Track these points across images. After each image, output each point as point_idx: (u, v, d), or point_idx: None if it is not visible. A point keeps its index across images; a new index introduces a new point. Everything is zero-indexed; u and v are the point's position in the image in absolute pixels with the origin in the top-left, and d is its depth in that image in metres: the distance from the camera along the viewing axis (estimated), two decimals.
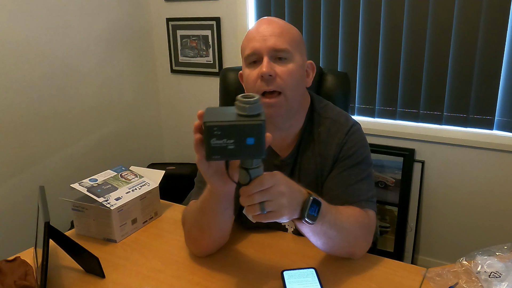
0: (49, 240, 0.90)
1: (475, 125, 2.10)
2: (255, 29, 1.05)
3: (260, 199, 0.78)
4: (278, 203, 0.80)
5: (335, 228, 0.93)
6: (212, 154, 0.73)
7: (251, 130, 0.72)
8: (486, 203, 2.13)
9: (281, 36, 1.02)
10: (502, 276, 0.92)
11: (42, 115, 2.23)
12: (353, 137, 1.09)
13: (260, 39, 1.02)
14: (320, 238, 0.94)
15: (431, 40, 2.09)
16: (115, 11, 2.57)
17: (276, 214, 0.80)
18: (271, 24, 1.04)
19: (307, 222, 0.86)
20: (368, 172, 1.09)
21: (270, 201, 0.79)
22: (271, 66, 1.01)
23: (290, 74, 1.02)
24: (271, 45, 1.01)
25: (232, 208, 0.97)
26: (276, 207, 0.80)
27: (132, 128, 2.79)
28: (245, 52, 1.06)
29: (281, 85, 1.02)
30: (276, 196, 0.79)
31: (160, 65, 2.90)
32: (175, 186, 2.20)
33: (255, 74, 1.03)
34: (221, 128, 0.71)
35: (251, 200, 0.78)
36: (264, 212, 0.79)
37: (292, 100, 1.05)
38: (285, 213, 0.81)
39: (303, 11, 2.35)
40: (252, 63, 1.04)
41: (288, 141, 1.13)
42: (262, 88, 1.02)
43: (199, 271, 1.02)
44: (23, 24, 2.10)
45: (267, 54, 1.01)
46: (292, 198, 0.83)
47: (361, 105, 2.34)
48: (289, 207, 0.82)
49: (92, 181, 1.21)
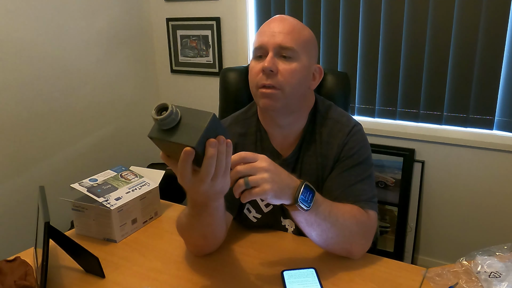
0: (49, 240, 0.90)
1: (475, 125, 2.11)
2: (267, 24, 1.07)
3: (242, 172, 0.82)
4: (261, 177, 0.83)
5: (330, 220, 0.94)
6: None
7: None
8: (486, 203, 2.13)
9: (290, 34, 1.03)
10: (502, 276, 0.92)
11: (42, 115, 2.23)
12: (354, 138, 1.10)
13: (269, 34, 1.04)
14: (315, 229, 0.95)
15: (431, 40, 2.09)
16: (115, 11, 2.57)
17: (259, 190, 0.83)
18: (283, 21, 1.06)
19: (300, 208, 0.88)
20: (369, 173, 1.09)
21: (253, 176, 0.83)
22: (274, 62, 1.02)
23: (292, 72, 1.03)
24: (278, 42, 1.02)
25: (223, 206, 0.95)
26: (259, 182, 0.83)
27: (132, 128, 2.79)
28: (253, 46, 1.08)
29: (280, 82, 1.02)
30: (257, 170, 0.83)
31: (160, 65, 2.90)
32: (175, 186, 2.19)
33: (258, 67, 1.04)
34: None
35: (235, 173, 0.82)
36: (249, 187, 0.82)
37: (290, 97, 1.05)
38: (267, 188, 0.83)
39: (303, 11, 2.35)
40: (258, 57, 1.06)
41: (290, 140, 1.13)
42: (261, 81, 1.03)
43: (199, 271, 1.02)
44: (22, 24, 2.10)
45: (272, 50, 1.02)
46: (276, 176, 0.85)
47: (361, 105, 2.34)
48: (272, 183, 0.84)
49: (92, 181, 1.21)
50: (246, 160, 0.84)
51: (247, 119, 1.19)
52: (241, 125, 1.18)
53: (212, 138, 0.73)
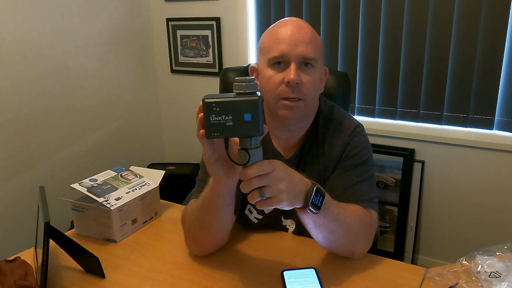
0: (49, 240, 0.90)
1: (475, 125, 2.10)
2: (284, 30, 1.03)
3: (258, 183, 0.79)
4: (277, 188, 0.80)
5: (337, 221, 0.94)
6: (211, 131, 0.77)
7: (248, 106, 0.75)
8: (486, 203, 2.13)
9: (311, 44, 1.02)
10: (502, 276, 0.92)
11: (42, 115, 2.23)
12: (356, 138, 1.10)
13: (290, 43, 1.01)
14: (322, 231, 0.94)
15: (431, 40, 2.09)
16: (115, 11, 2.57)
17: (275, 200, 0.81)
18: (301, 29, 1.03)
19: (311, 211, 0.86)
20: (370, 173, 1.10)
21: (269, 186, 0.80)
22: (299, 74, 1.01)
23: (314, 83, 1.04)
24: (301, 53, 1.01)
25: (233, 206, 0.97)
26: (275, 193, 0.80)
27: (132, 128, 2.79)
28: (270, 53, 1.03)
29: (304, 93, 1.02)
30: (274, 182, 0.80)
31: (160, 65, 2.90)
32: (175, 186, 2.20)
33: (279, 78, 1.02)
34: (219, 104, 0.75)
35: (249, 185, 0.79)
36: (264, 198, 0.80)
37: (310, 106, 1.07)
38: (284, 198, 0.81)
39: (303, 11, 2.35)
40: (275, 64, 1.03)
41: (293, 142, 1.13)
42: (285, 94, 1.02)
43: (199, 271, 1.02)
44: (22, 24, 2.10)
45: (295, 61, 1.01)
46: (292, 185, 0.84)
47: (361, 105, 2.34)
48: (288, 193, 0.82)
49: (92, 181, 1.21)
50: (263, 172, 0.79)
51: None
52: None
53: None
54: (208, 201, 0.95)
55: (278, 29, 1.05)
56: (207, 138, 0.78)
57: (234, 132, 0.77)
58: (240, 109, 0.75)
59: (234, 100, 0.76)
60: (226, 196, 0.93)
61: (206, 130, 0.77)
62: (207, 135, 0.77)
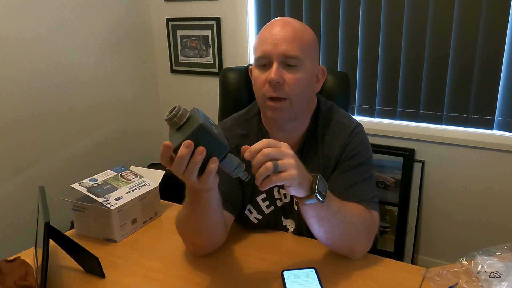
0: (49, 240, 0.90)
1: (475, 125, 2.11)
2: (269, 30, 1.03)
3: (269, 154, 0.79)
4: (288, 162, 0.81)
5: (339, 216, 0.94)
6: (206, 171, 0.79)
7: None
8: (486, 203, 2.13)
9: (294, 42, 1.00)
10: (502, 276, 0.92)
11: (42, 114, 2.23)
12: (356, 139, 1.10)
13: (272, 43, 1.01)
14: (324, 225, 0.93)
15: (431, 40, 2.09)
16: (115, 11, 2.57)
17: (287, 174, 0.80)
18: (285, 27, 1.02)
19: (317, 199, 0.85)
20: (370, 173, 1.10)
21: (281, 160, 0.80)
22: (280, 73, 1.00)
23: (298, 82, 1.02)
24: (282, 51, 1.00)
25: (216, 203, 0.94)
26: (287, 166, 0.80)
27: (132, 128, 2.79)
28: (256, 53, 1.05)
29: (288, 92, 1.02)
30: (285, 155, 0.81)
31: (160, 65, 2.90)
32: (175, 186, 2.19)
33: (264, 78, 1.02)
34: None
35: (262, 155, 0.79)
36: (277, 171, 0.80)
37: (297, 105, 1.05)
38: (295, 173, 0.81)
39: (303, 11, 2.35)
40: (261, 66, 1.04)
41: (292, 142, 1.13)
42: (269, 93, 1.02)
43: (199, 271, 1.02)
44: (22, 24, 2.10)
45: (277, 60, 1.00)
46: (299, 164, 0.84)
47: (361, 105, 2.34)
48: (298, 170, 0.82)
49: (92, 181, 1.21)
50: (271, 146, 0.81)
51: (248, 120, 1.18)
52: (242, 127, 1.18)
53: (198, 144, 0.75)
54: (198, 211, 0.93)
55: (264, 29, 1.06)
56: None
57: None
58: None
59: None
60: (216, 197, 0.91)
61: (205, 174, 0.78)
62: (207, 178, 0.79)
